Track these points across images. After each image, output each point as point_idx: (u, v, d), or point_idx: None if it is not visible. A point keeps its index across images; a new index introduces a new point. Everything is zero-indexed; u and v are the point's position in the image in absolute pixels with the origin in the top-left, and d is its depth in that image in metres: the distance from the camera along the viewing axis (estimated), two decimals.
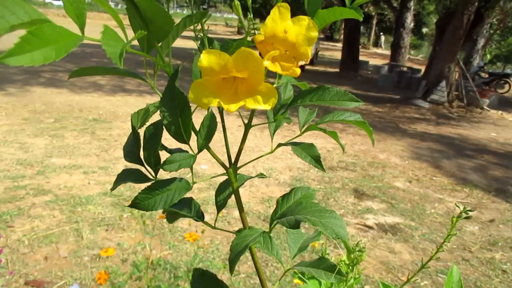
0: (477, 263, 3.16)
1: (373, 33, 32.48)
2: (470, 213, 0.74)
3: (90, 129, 5.43)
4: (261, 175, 0.60)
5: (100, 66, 0.48)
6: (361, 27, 15.16)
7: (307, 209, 0.46)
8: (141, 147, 0.56)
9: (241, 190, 0.53)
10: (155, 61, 0.48)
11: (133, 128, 0.55)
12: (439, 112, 9.41)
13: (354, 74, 14.36)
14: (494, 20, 17.24)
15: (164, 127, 0.51)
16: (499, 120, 9.33)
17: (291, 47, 0.45)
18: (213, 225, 0.62)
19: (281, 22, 0.45)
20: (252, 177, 0.61)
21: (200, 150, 0.55)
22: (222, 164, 0.58)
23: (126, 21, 0.47)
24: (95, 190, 3.68)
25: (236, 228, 2.94)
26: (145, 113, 0.55)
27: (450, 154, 6.01)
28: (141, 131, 0.57)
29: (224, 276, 2.64)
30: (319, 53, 19.37)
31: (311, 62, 16.28)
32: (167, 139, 0.58)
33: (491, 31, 18.46)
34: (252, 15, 0.47)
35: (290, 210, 0.49)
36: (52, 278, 2.44)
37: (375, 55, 25.82)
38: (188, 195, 0.55)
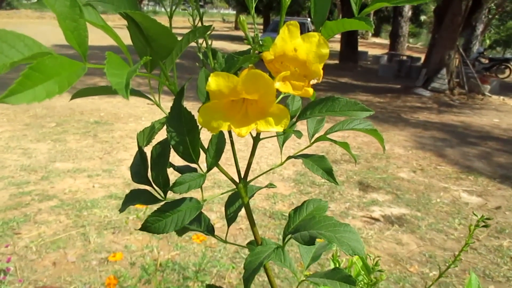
0: (485, 251, 3.15)
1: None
2: (487, 222, 0.72)
3: (92, 132, 5.43)
4: (270, 185, 0.59)
5: (103, 87, 0.47)
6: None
7: (321, 224, 0.45)
8: (149, 167, 0.55)
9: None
10: (159, 81, 0.47)
11: (140, 148, 0.54)
12: (441, 100, 9.38)
13: (354, 65, 14.30)
14: (492, 4, 17.15)
15: (171, 147, 0.50)
16: (501, 105, 9.29)
17: (302, 65, 0.44)
18: (223, 238, 0.61)
19: (290, 40, 0.43)
20: (261, 188, 0.61)
21: (209, 169, 0.54)
22: (232, 180, 0.57)
23: (122, 21, 0.45)
24: (100, 194, 3.68)
25: (243, 227, 2.93)
26: (150, 131, 0.54)
27: (454, 142, 6.00)
28: (147, 150, 0.56)
29: (232, 274, 2.64)
30: None
31: None
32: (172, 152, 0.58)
33: (490, 16, 18.35)
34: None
35: (303, 225, 0.48)
36: (61, 284, 2.45)
37: (374, 45, 25.72)
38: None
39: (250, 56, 0.45)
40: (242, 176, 0.58)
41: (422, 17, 29.36)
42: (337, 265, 0.82)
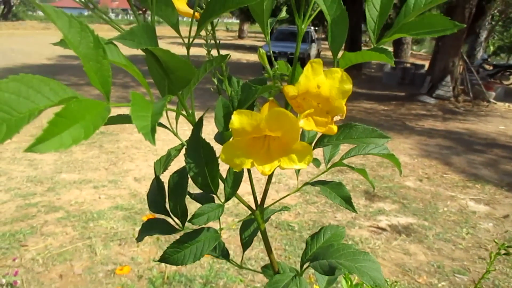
0: (494, 261, 3.12)
1: None
2: (508, 250, 0.71)
3: (98, 142, 5.45)
4: (285, 208, 0.59)
5: (125, 116, 0.47)
6: (362, 25, 15.12)
7: (340, 252, 0.45)
8: (166, 196, 0.55)
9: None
10: (176, 112, 0.47)
11: (157, 177, 0.54)
12: (446, 107, 9.35)
13: (358, 73, 14.30)
14: (496, 11, 17.14)
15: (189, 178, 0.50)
16: (506, 112, 9.25)
17: (325, 101, 0.44)
18: (239, 264, 0.61)
19: (314, 78, 0.43)
20: (276, 211, 0.60)
21: (227, 199, 0.53)
22: (249, 207, 0.57)
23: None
24: (106, 205, 3.68)
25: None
26: (167, 158, 0.54)
27: (459, 150, 5.97)
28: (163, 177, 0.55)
29: (239, 286, 2.63)
30: (321, 53, 19.34)
31: None
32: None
33: (493, 23, 18.35)
34: (278, 66, 0.45)
35: (322, 253, 0.47)
36: None
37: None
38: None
39: (269, 87, 0.45)
40: (259, 202, 0.58)
41: None
42: (349, 283, 0.82)
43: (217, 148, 0.52)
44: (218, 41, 0.46)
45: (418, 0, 0.44)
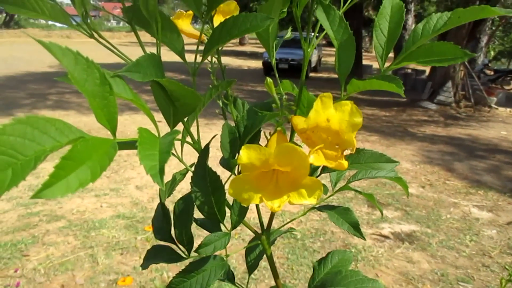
0: (498, 269, 3.10)
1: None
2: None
3: None
4: (291, 230, 0.58)
5: (131, 143, 0.46)
6: (363, 31, 15.15)
7: (348, 279, 0.44)
8: (172, 223, 0.54)
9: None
10: (181, 141, 0.46)
11: (162, 203, 0.53)
12: (447, 113, 9.35)
13: (359, 79, 14.29)
14: (496, 16, 17.16)
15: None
16: (508, 117, 9.24)
17: (334, 134, 0.43)
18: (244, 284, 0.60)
19: (323, 112, 0.43)
20: (282, 233, 0.60)
21: (234, 227, 0.53)
22: (255, 232, 0.56)
23: (131, 37, 0.46)
24: (107, 213, 3.67)
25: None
26: (172, 183, 0.53)
27: (462, 156, 5.95)
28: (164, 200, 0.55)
29: None
30: (322, 59, 19.36)
31: (315, 69, 16.28)
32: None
33: (493, 28, 18.37)
34: (286, 96, 0.45)
35: (330, 279, 0.46)
36: None
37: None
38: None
39: (275, 114, 0.44)
40: (265, 226, 0.57)
41: None
42: None
43: (223, 173, 0.51)
44: (224, 66, 0.46)
45: (426, 26, 0.44)
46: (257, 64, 18.14)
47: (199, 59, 0.45)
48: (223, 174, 0.52)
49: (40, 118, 0.29)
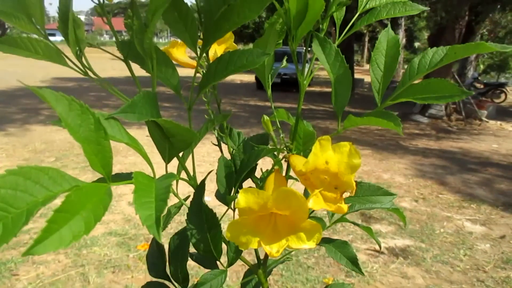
0: (492, 283, 3.10)
1: (366, 50, 32.83)
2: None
3: None
4: (287, 259, 0.57)
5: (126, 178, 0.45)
6: (354, 45, 15.30)
7: None
8: (166, 259, 0.53)
9: None
10: (176, 178, 0.46)
11: (156, 240, 0.52)
12: (439, 126, 9.42)
13: (351, 93, 14.39)
14: (485, 30, 17.46)
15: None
16: (498, 130, 9.33)
17: (333, 176, 0.43)
18: None
19: (322, 154, 0.43)
20: (278, 263, 0.59)
21: (230, 264, 0.52)
22: (251, 266, 0.56)
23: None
24: (99, 230, 3.63)
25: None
26: (167, 217, 0.52)
27: (454, 169, 5.98)
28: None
29: None
30: (314, 73, 19.47)
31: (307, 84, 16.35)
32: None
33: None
34: (281, 130, 0.45)
35: None
36: None
37: (369, 72, 25.96)
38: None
39: (272, 150, 0.44)
40: (262, 259, 0.56)
41: (416, 44, 29.87)
42: None
43: (218, 205, 0.51)
44: (219, 100, 0.45)
45: (422, 61, 0.44)
46: (250, 78, 18.23)
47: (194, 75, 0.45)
48: (220, 207, 0.51)
49: (33, 168, 0.28)
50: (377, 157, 6.48)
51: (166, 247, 0.51)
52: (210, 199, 2.54)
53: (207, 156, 5.89)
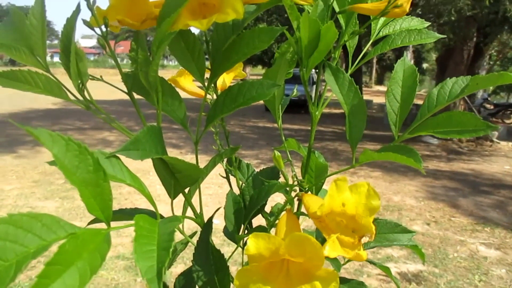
0: None
1: (374, 71, 32.96)
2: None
3: None
4: None
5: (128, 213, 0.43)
6: (363, 66, 15.37)
7: None
8: None
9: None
10: (182, 217, 0.43)
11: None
12: (449, 147, 9.32)
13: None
14: (493, 51, 17.46)
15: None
16: (510, 152, 9.21)
17: (350, 219, 0.41)
18: None
19: (338, 196, 0.40)
20: None
21: None
22: None
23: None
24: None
25: None
26: (172, 254, 0.50)
27: (466, 192, 5.88)
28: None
29: None
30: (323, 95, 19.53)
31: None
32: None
33: (491, 63, 18.65)
34: (293, 167, 0.43)
35: None
36: None
37: (378, 93, 26.03)
38: None
39: (283, 186, 0.42)
40: None
41: (425, 65, 29.92)
42: None
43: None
44: (228, 132, 0.44)
45: (441, 92, 0.42)
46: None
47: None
48: (229, 246, 0.49)
49: (24, 215, 0.26)
50: (387, 179, 6.40)
51: (171, 286, 0.49)
52: (218, 222, 2.50)
53: (216, 178, 5.87)
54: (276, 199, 0.74)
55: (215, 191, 5.22)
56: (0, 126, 9.48)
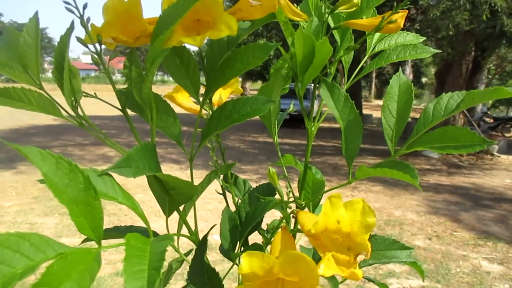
0: None
1: (373, 85, 33.13)
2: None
3: None
4: None
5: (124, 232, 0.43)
6: (362, 81, 15.44)
7: None
8: None
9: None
10: (177, 235, 0.43)
11: None
12: (449, 161, 9.31)
13: None
14: (492, 65, 17.57)
15: None
16: (511, 165, 9.19)
17: (346, 236, 0.40)
18: None
19: (333, 213, 0.40)
20: None
21: None
22: None
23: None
24: (106, 271, 3.56)
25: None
26: (168, 272, 0.50)
27: (467, 206, 5.85)
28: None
29: None
30: (323, 109, 19.59)
31: (315, 120, 16.42)
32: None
33: (490, 77, 18.75)
34: (291, 189, 0.42)
35: None
36: None
37: (377, 107, 26.09)
38: None
39: (278, 203, 0.42)
40: None
41: (424, 79, 30.08)
42: None
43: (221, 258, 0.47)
44: (223, 148, 0.44)
45: (437, 107, 0.42)
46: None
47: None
48: (224, 263, 0.48)
49: (12, 234, 0.26)
50: (388, 193, 6.38)
51: None
52: (218, 238, 2.47)
53: (216, 193, 5.84)
54: (276, 214, 0.73)
55: (215, 206, 5.19)
56: (0, 142, 9.50)
